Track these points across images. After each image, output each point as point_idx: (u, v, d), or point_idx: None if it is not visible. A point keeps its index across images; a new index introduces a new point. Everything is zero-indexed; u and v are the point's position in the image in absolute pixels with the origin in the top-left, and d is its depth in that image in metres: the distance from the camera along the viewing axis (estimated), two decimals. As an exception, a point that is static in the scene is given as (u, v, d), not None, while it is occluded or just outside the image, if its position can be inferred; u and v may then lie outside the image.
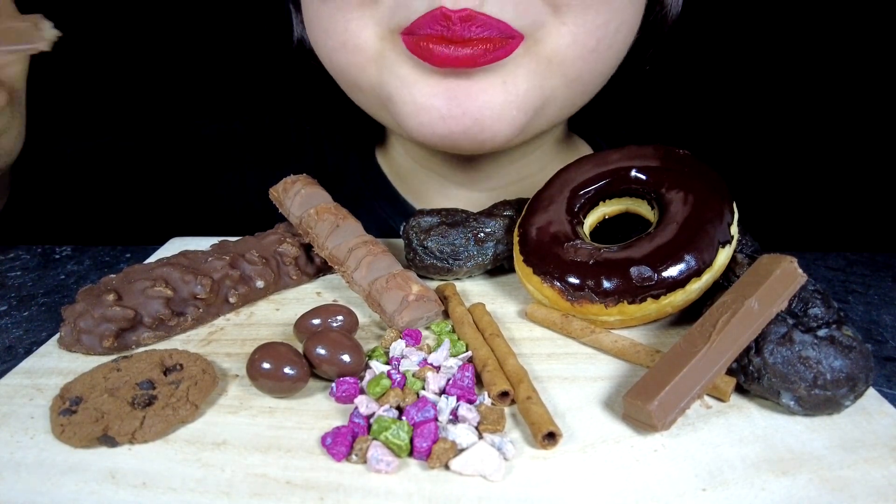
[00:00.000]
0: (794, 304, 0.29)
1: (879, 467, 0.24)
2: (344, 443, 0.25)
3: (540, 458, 0.25)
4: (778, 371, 0.27)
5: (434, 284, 0.40)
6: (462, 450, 0.25)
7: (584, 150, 0.57)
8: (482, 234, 0.40)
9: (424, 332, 0.35)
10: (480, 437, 0.26)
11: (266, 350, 0.29)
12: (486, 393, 0.28)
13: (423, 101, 0.38)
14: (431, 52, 0.35)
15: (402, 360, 0.31)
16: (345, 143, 0.57)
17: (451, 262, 0.39)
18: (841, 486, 0.23)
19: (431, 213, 0.41)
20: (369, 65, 0.39)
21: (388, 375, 0.29)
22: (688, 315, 0.35)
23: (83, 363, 0.32)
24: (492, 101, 0.37)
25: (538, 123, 0.41)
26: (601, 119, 0.50)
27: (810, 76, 0.78)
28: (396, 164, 0.55)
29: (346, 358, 0.29)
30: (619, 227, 0.39)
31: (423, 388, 0.29)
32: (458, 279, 0.41)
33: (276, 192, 0.42)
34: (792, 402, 0.27)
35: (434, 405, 0.27)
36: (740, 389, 0.29)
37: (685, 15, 0.48)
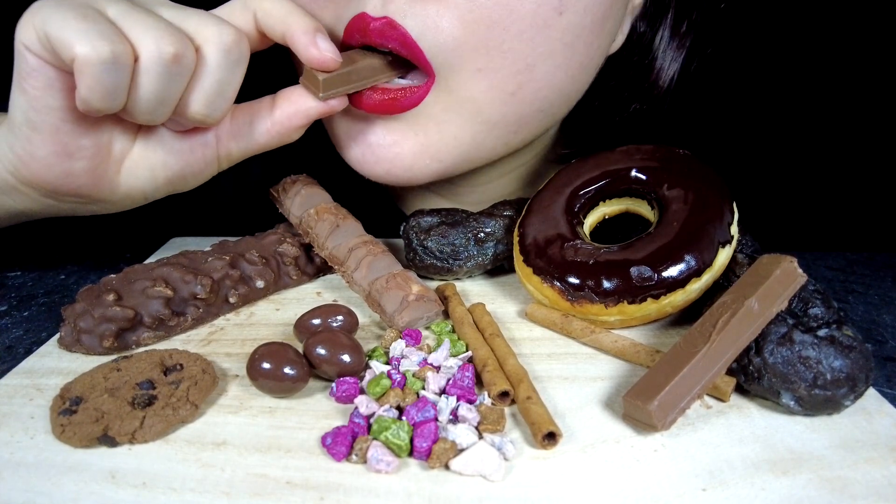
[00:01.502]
0: (794, 304, 0.29)
1: (879, 467, 0.24)
2: (344, 443, 0.25)
3: (540, 458, 0.25)
4: (778, 371, 0.27)
5: (434, 284, 0.40)
6: (462, 450, 0.25)
7: None
8: (482, 234, 0.40)
9: (424, 332, 0.35)
10: (480, 437, 0.26)
11: (266, 350, 0.29)
12: (486, 393, 0.28)
13: (345, 140, 0.40)
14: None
15: (402, 360, 0.31)
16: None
17: (451, 262, 0.39)
18: (841, 486, 0.23)
19: (431, 213, 0.41)
20: None
21: (388, 375, 0.29)
22: (688, 315, 0.35)
23: (83, 363, 0.32)
24: (402, 153, 0.38)
25: (470, 164, 0.41)
26: (599, 137, 0.50)
27: (810, 76, 0.78)
28: None
29: (346, 358, 0.29)
30: (619, 227, 0.39)
31: (423, 388, 0.29)
32: (458, 279, 0.41)
33: (276, 192, 0.42)
34: (792, 402, 0.27)
35: (434, 405, 0.27)
36: (740, 389, 0.29)
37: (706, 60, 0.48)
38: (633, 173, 0.37)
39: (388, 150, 0.38)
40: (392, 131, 0.38)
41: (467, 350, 0.32)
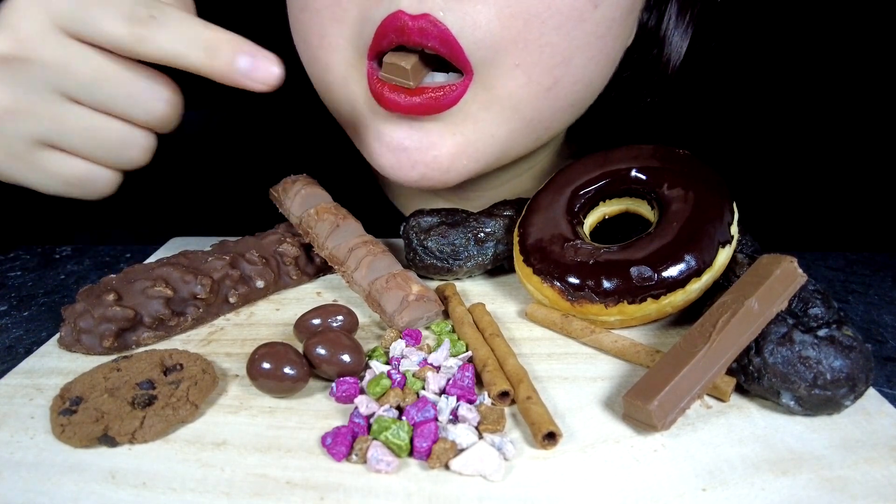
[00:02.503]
0: (794, 304, 0.29)
1: (879, 467, 0.24)
2: (344, 443, 0.25)
3: (540, 458, 0.25)
4: (778, 371, 0.27)
5: (434, 284, 0.40)
6: (462, 450, 0.25)
7: None
8: (482, 234, 0.40)
9: (424, 332, 0.35)
10: (480, 437, 0.26)
11: (266, 350, 0.29)
12: (486, 393, 0.28)
13: (377, 148, 0.38)
14: (383, 97, 0.35)
15: (402, 360, 0.31)
16: (336, 147, 0.56)
17: (451, 262, 0.39)
18: (841, 486, 0.23)
19: (431, 213, 0.41)
20: (337, 86, 0.39)
21: (388, 375, 0.29)
22: (688, 315, 0.35)
23: (83, 363, 0.32)
24: (440, 156, 0.37)
25: (502, 162, 0.41)
26: (609, 132, 0.50)
27: (810, 76, 0.78)
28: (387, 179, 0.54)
29: (346, 358, 0.29)
30: (619, 227, 0.39)
31: (423, 388, 0.29)
32: (458, 279, 0.41)
33: (276, 192, 0.42)
34: (792, 402, 0.27)
35: (434, 405, 0.27)
36: (740, 389, 0.29)
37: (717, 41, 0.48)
38: (633, 173, 0.37)
39: (425, 153, 0.37)
40: (428, 133, 0.37)
41: (467, 350, 0.32)
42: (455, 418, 0.27)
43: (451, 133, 0.37)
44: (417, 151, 0.37)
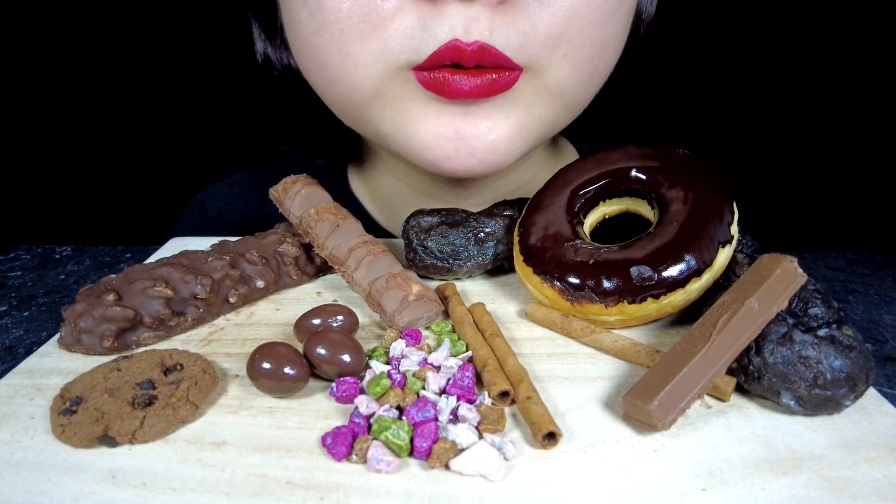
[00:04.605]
0: (794, 304, 0.29)
1: (879, 467, 0.24)
2: (344, 443, 0.25)
3: (540, 458, 0.25)
4: (778, 371, 0.27)
5: (434, 284, 0.40)
6: (462, 450, 0.25)
7: (570, 152, 0.57)
8: (482, 234, 0.40)
9: (424, 332, 0.35)
10: (480, 436, 0.26)
11: (266, 350, 0.29)
12: (486, 393, 0.28)
13: (431, 139, 0.38)
14: (449, 84, 0.35)
15: (402, 360, 0.31)
16: (315, 164, 0.56)
17: (451, 262, 0.39)
18: (841, 486, 0.23)
19: (431, 213, 0.41)
20: (367, 101, 0.39)
21: (389, 375, 0.29)
22: (688, 315, 0.35)
23: (83, 363, 0.32)
24: (498, 139, 0.38)
25: (542, 141, 0.43)
26: (584, 122, 0.50)
27: (810, 76, 0.78)
28: (377, 185, 0.54)
29: (346, 358, 0.29)
30: (619, 227, 0.39)
31: (424, 388, 0.29)
32: (458, 279, 0.41)
33: (277, 192, 0.42)
34: (792, 402, 0.27)
35: (434, 405, 0.27)
36: (740, 389, 0.29)
37: (685, 14, 0.48)
38: (633, 173, 0.37)
39: (483, 138, 0.38)
40: (484, 118, 0.38)
41: (467, 350, 0.32)
42: (455, 418, 0.27)
43: (504, 116, 0.38)
44: (475, 138, 0.38)
